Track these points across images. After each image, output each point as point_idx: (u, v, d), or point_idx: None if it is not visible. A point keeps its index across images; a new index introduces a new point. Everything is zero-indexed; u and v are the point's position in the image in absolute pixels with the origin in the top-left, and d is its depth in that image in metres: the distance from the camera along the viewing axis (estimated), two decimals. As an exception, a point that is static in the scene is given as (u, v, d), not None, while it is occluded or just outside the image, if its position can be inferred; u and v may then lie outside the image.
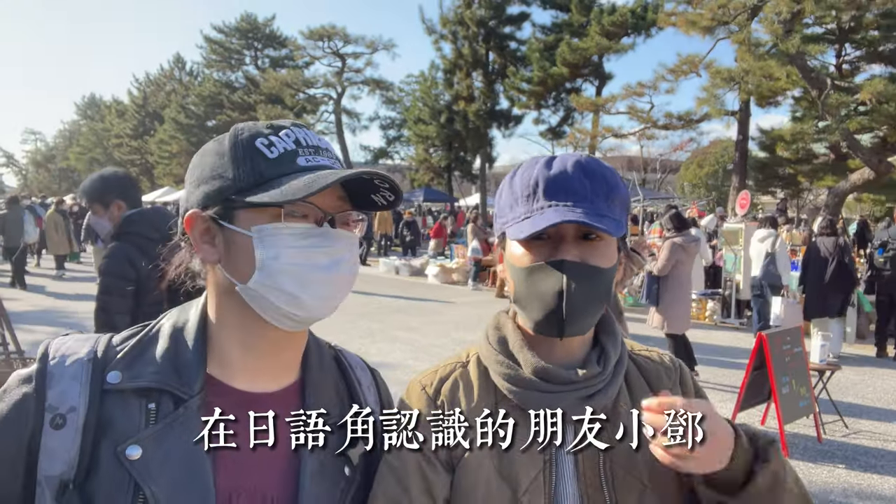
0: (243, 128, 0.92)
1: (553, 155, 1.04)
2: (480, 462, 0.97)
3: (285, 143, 0.90)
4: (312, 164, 0.89)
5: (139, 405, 0.84)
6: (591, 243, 0.97)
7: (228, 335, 0.91)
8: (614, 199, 0.99)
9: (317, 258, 0.87)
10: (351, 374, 1.04)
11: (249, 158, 0.88)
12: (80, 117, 59.74)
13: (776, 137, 20.21)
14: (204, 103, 38.65)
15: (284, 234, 0.86)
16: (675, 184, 41.03)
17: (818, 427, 5.30)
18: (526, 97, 26.63)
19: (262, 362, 0.92)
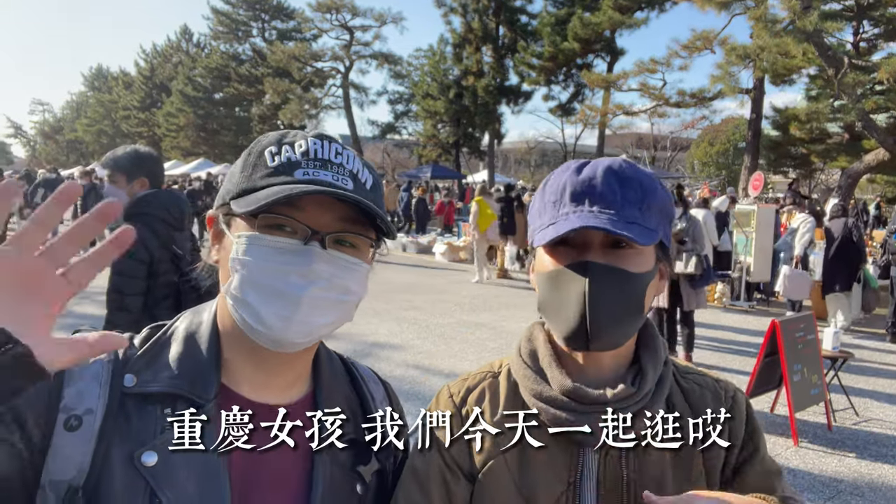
0: (267, 136, 0.90)
1: (586, 160, 0.98)
2: (500, 476, 0.94)
3: (292, 153, 0.86)
4: (309, 178, 0.84)
5: (154, 410, 0.82)
6: (620, 251, 0.92)
7: (236, 344, 0.88)
8: (649, 206, 0.93)
9: (289, 277, 0.82)
10: (363, 387, 1.02)
11: (252, 166, 0.87)
12: (88, 88, 59.49)
13: (790, 116, 19.91)
14: (211, 75, 38.40)
15: (260, 246, 0.82)
16: (686, 162, 40.66)
17: (829, 415, 5.25)
18: (536, 73, 26.34)
19: (269, 377, 0.90)
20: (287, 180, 0.83)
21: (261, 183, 0.84)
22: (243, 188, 0.85)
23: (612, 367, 0.98)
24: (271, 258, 0.82)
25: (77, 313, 7.73)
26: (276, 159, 0.85)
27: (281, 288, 0.82)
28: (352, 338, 7.41)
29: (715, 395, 1.03)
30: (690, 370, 1.07)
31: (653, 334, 1.01)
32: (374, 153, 41.70)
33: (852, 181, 15.07)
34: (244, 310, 0.83)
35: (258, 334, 0.84)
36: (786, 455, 4.69)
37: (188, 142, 39.61)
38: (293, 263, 0.81)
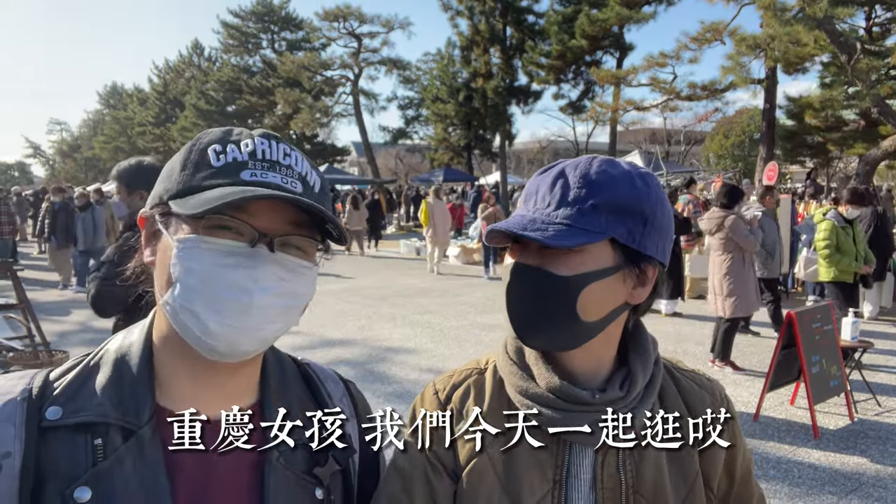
0: (210, 132, 0.86)
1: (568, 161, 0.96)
2: (484, 475, 0.93)
3: (237, 153, 0.82)
4: (256, 180, 0.80)
5: (84, 441, 0.77)
6: (551, 251, 0.88)
7: (174, 359, 0.84)
8: (596, 207, 0.88)
9: (236, 281, 0.77)
10: (320, 388, 0.98)
11: (194, 164, 0.82)
12: (103, 106, 60.25)
13: (804, 105, 19.61)
14: (223, 89, 38.73)
15: (204, 249, 0.78)
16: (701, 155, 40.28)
17: (850, 406, 5.16)
18: (545, 72, 26.23)
19: (213, 390, 0.85)
20: (233, 181, 0.80)
21: (204, 183, 0.80)
22: (184, 187, 0.80)
23: (594, 367, 0.95)
24: (217, 261, 0.77)
25: (96, 328, 7.83)
26: (220, 158, 0.81)
27: (230, 295, 0.77)
28: (366, 343, 7.43)
29: (711, 396, 1.01)
30: (683, 369, 1.05)
31: (642, 334, 0.99)
32: (386, 159, 41.82)
33: (870, 168, 14.83)
34: (190, 319, 0.78)
35: (205, 345, 0.79)
36: (806, 448, 4.61)
37: (203, 155, 39.92)
38: (241, 266, 0.77)
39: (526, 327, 0.91)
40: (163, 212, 0.82)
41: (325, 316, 8.75)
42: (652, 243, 0.90)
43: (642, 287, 0.92)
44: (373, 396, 5.65)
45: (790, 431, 4.93)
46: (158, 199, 0.84)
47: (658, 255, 0.92)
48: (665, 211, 0.92)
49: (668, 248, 0.94)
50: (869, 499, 3.90)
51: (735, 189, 6.74)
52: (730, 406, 1.02)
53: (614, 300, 0.91)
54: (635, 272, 0.91)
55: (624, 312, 0.94)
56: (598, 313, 0.89)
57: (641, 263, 0.91)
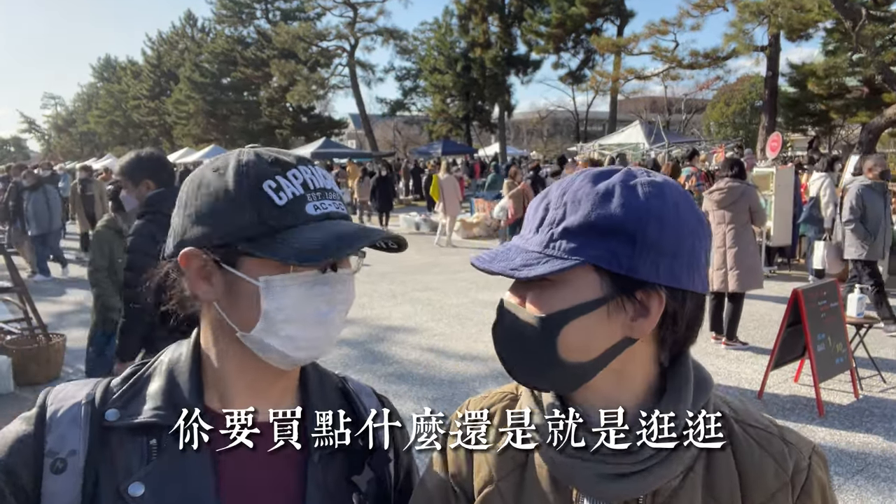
0: (247, 164, 0.86)
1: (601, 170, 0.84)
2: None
3: (294, 186, 0.85)
4: (321, 213, 0.86)
5: (140, 442, 0.84)
6: (531, 284, 0.79)
7: (225, 369, 0.90)
8: (569, 229, 0.76)
9: (319, 306, 0.86)
10: (357, 401, 1.01)
11: (256, 204, 0.83)
12: (97, 80, 59.53)
13: (807, 72, 19.39)
14: (217, 60, 38.23)
15: (291, 286, 0.84)
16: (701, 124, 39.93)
17: (855, 383, 5.12)
18: (544, 41, 25.84)
19: (260, 392, 0.91)
20: (306, 219, 0.84)
21: (278, 223, 0.83)
22: (260, 231, 0.82)
23: (630, 407, 0.81)
24: (304, 293, 0.84)
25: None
26: (281, 196, 0.84)
27: (316, 318, 0.85)
28: (367, 322, 7.38)
29: (777, 465, 0.80)
30: (756, 421, 0.84)
31: (679, 377, 0.81)
32: (384, 131, 41.47)
33: (873, 136, 14.65)
34: (280, 343, 0.85)
35: (289, 361, 0.87)
36: (811, 427, 4.58)
37: (199, 129, 39.60)
38: (323, 294, 0.85)
39: (512, 370, 0.83)
40: (228, 252, 0.84)
41: (325, 294, 8.68)
42: (647, 266, 0.74)
43: (644, 319, 0.76)
44: (373, 377, 5.61)
45: (794, 409, 4.90)
46: (214, 240, 0.84)
47: (661, 279, 0.75)
48: (666, 225, 0.75)
49: (679, 268, 0.76)
50: (876, 479, 3.87)
51: (740, 161, 6.66)
52: (810, 479, 0.80)
53: (608, 337, 0.77)
54: (631, 302, 0.76)
55: (639, 348, 0.79)
56: (587, 354, 0.77)
57: (637, 292, 0.76)
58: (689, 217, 0.77)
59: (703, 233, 0.80)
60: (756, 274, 6.12)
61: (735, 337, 6.29)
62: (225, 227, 0.83)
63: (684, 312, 0.78)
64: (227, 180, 0.84)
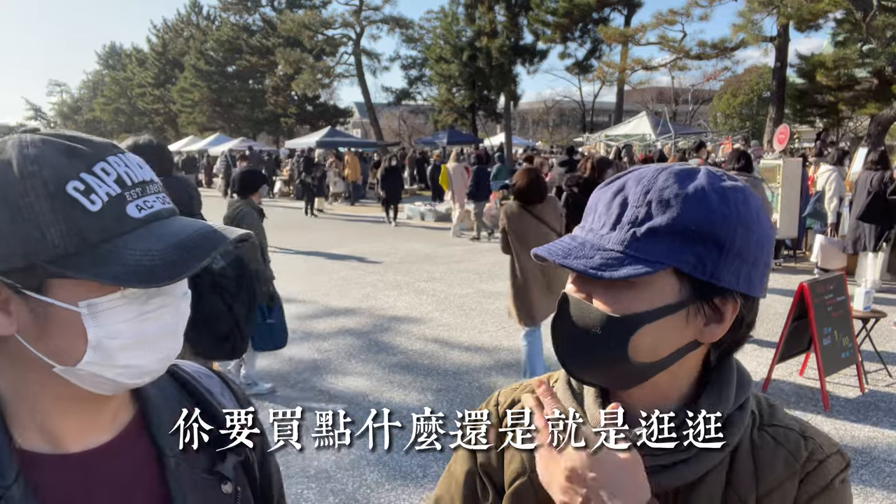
0: (37, 160, 0.67)
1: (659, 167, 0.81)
2: (525, 498, 0.88)
3: (107, 185, 0.69)
4: (147, 214, 0.71)
5: None
6: (603, 283, 0.76)
7: (39, 407, 0.75)
8: (654, 231, 0.74)
9: (162, 319, 0.73)
10: (197, 385, 0.91)
11: (62, 214, 0.66)
12: (103, 67, 59.46)
13: (816, 64, 19.18)
14: (222, 49, 38.09)
15: (124, 307, 0.70)
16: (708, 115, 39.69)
17: (861, 377, 5.10)
18: (551, 30, 25.66)
19: (93, 417, 0.78)
20: (130, 225, 0.69)
21: (94, 236, 0.67)
22: (71, 248, 0.66)
23: (653, 406, 0.82)
24: (142, 310, 0.71)
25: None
26: (94, 200, 0.67)
27: (161, 332, 0.74)
28: (371, 312, 7.38)
29: (788, 455, 0.81)
30: (779, 420, 0.85)
31: (723, 375, 0.83)
32: (389, 120, 41.34)
33: (882, 128, 14.55)
34: (119, 374, 0.72)
35: (121, 388, 0.74)
36: (816, 421, 4.57)
37: (204, 117, 39.54)
38: (163, 306, 0.73)
39: (571, 364, 0.82)
40: (30, 275, 0.67)
41: (329, 284, 8.69)
42: (729, 273, 0.74)
43: (717, 324, 0.77)
44: (377, 367, 5.62)
45: (799, 403, 4.88)
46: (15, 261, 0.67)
47: (740, 286, 0.75)
48: (751, 233, 0.75)
49: (756, 276, 0.77)
50: (881, 474, 3.86)
51: (748, 153, 6.62)
52: (820, 471, 0.81)
53: (678, 340, 0.77)
54: (707, 308, 0.76)
55: (695, 351, 0.80)
56: (655, 355, 0.77)
57: (715, 298, 0.76)
58: (767, 225, 0.78)
59: (773, 241, 0.81)
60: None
61: None
62: (24, 247, 0.66)
63: (749, 317, 0.79)
64: (13, 184, 0.66)
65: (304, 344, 6.19)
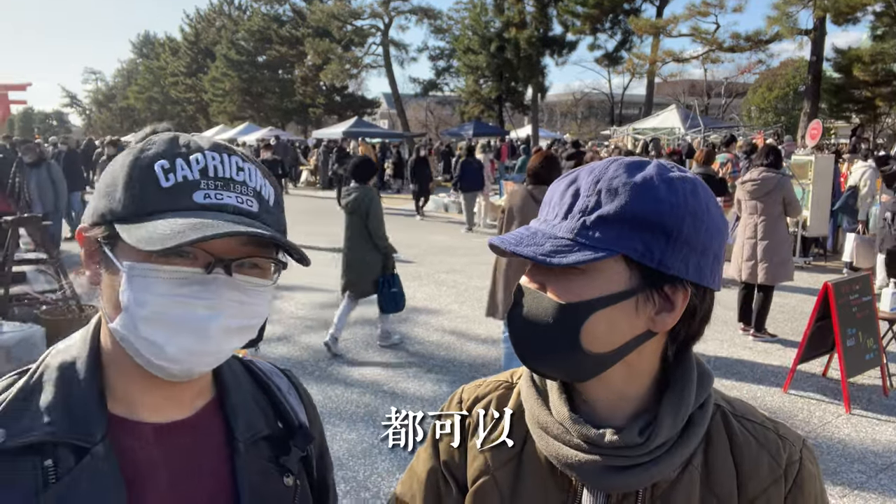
0: (154, 142, 0.78)
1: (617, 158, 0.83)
2: (489, 497, 0.88)
3: (188, 170, 0.75)
4: (211, 203, 0.75)
5: (33, 464, 0.72)
6: (555, 270, 0.77)
7: (123, 369, 0.79)
8: (604, 218, 0.75)
9: (196, 310, 0.74)
10: (268, 381, 0.96)
11: (140, 182, 0.75)
12: (137, 56, 60.45)
13: (853, 58, 18.72)
14: (253, 39, 38.44)
15: (157, 279, 0.73)
16: (741, 109, 38.95)
17: (885, 379, 4.99)
18: (581, 21, 25.39)
19: (171, 396, 0.83)
20: (187, 206, 0.74)
21: (153, 207, 0.73)
22: (131, 211, 0.74)
23: (614, 402, 0.83)
24: (172, 291, 0.73)
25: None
26: (169, 178, 0.74)
27: (189, 322, 0.74)
28: (390, 303, 7.42)
29: (772, 457, 0.82)
30: (752, 416, 0.86)
31: (684, 372, 0.83)
32: (416, 111, 41.37)
33: (921, 125, 14.13)
34: (143, 346, 0.75)
35: (158, 368, 0.76)
36: (836, 423, 4.48)
37: (234, 106, 39.99)
38: (199, 296, 0.74)
39: (527, 355, 0.82)
40: (107, 233, 0.75)
41: (351, 273, 8.74)
42: (678, 261, 0.75)
43: (668, 313, 0.77)
44: (394, 358, 5.65)
45: (820, 404, 4.79)
46: (100, 217, 0.77)
47: (690, 275, 0.76)
48: (699, 222, 0.76)
49: (706, 265, 0.77)
50: (900, 479, 3.78)
51: (777, 149, 6.47)
52: (802, 473, 0.82)
53: (630, 329, 0.77)
54: (657, 296, 0.77)
55: (650, 341, 0.79)
56: (608, 344, 0.77)
57: (664, 286, 0.76)
58: (718, 217, 0.79)
59: (726, 233, 0.82)
60: (786, 267, 5.98)
61: (764, 329, 6.17)
62: (108, 203, 0.76)
63: (702, 309, 0.80)
64: (130, 156, 0.77)
65: (323, 332, 6.24)
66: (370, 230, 5.61)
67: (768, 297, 6.11)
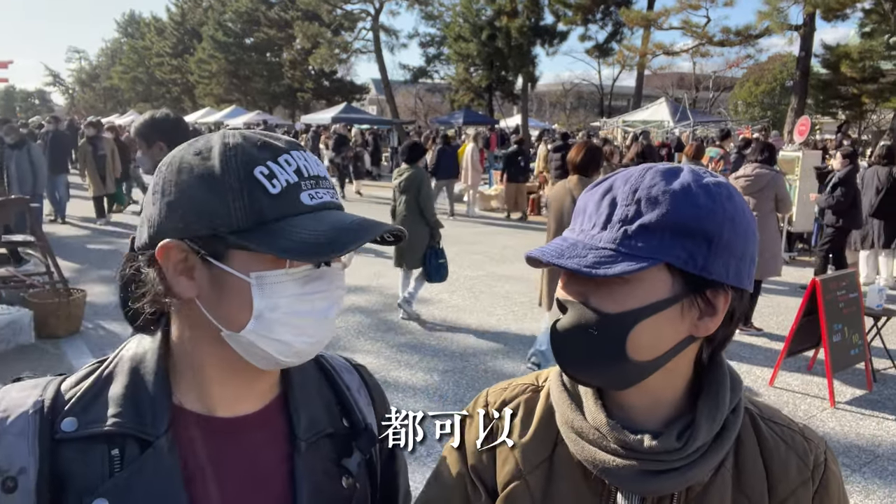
0: (235, 147, 0.78)
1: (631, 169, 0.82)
2: (520, 501, 0.87)
3: (287, 174, 0.78)
4: (317, 203, 0.79)
5: (101, 453, 0.76)
6: (598, 281, 0.77)
7: (205, 370, 0.83)
8: (646, 227, 0.75)
9: (316, 304, 0.80)
10: (337, 379, 0.97)
11: (247, 191, 0.75)
12: (121, 35, 59.46)
13: (841, 54, 18.84)
14: (241, 20, 37.97)
15: (286, 283, 0.77)
16: (728, 102, 39.17)
17: (869, 374, 5.08)
18: (572, 11, 25.34)
19: (244, 390, 0.86)
20: (301, 209, 0.77)
21: (270, 214, 0.75)
22: (254, 220, 0.75)
23: (651, 407, 0.83)
24: (300, 291, 0.78)
25: (112, 265, 7.88)
26: (274, 184, 0.76)
27: (313, 316, 0.80)
28: (381, 291, 7.42)
29: (800, 460, 0.85)
30: (774, 420, 0.88)
31: (717, 374, 0.84)
32: (406, 98, 41.14)
33: (906, 123, 14.30)
34: (274, 348, 0.79)
35: (281, 363, 0.81)
36: (821, 417, 4.57)
37: (221, 89, 39.54)
38: (319, 289, 0.80)
39: (569, 366, 0.82)
40: (214, 244, 0.76)
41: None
42: (719, 266, 0.76)
43: (710, 318, 0.78)
44: (385, 347, 5.66)
45: (806, 398, 4.88)
46: (202, 230, 0.76)
47: (730, 279, 0.77)
48: (737, 227, 0.77)
49: (744, 269, 0.79)
50: (883, 473, 3.86)
51: (772, 146, 6.55)
52: (827, 474, 0.85)
53: (674, 335, 0.78)
54: (700, 301, 0.77)
55: (689, 347, 0.81)
56: (653, 352, 0.78)
57: (707, 291, 0.77)
58: (752, 220, 0.80)
59: (757, 235, 0.83)
60: (776, 262, 6.07)
61: (750, 322, 6.25)
62: (211, 217, 0.75)
63: (740, 311, 0.81)
64: (213, 165, 0.76)
65: (314, 320, 6.25)
66: (420, 206, 6.16)
67: (756, 290, 6.19)
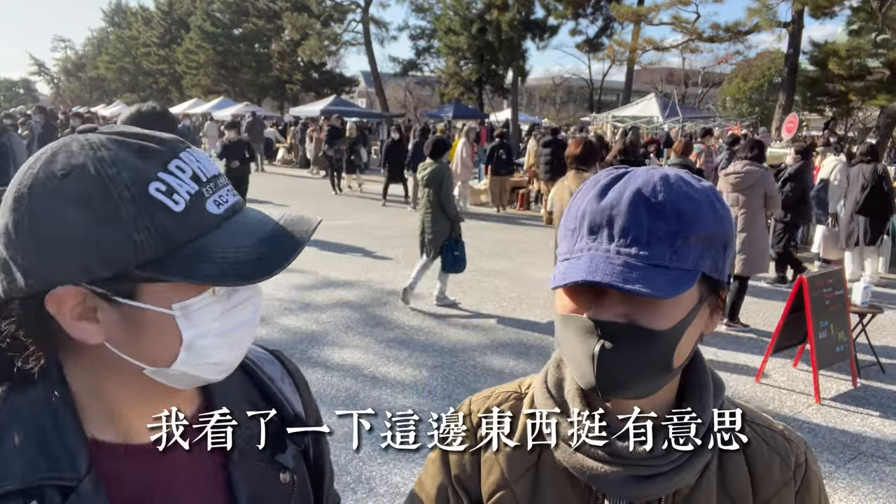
0: (113, 162, 0.65)
1: (621, 171, 0.80)
2: None
3: (185, 184, 0.68)
4: (225, 209, 0.71)
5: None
6: (641, 300, 0.74)
7: (114, 403, 0.75)
8: (687, 240, 0.75)
9: (245, 313, 0.75)
10: (259, 373, 0.92)
11: (147, 217, 0.65)
12: (108, 24, 58.74)
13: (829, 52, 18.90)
14: (229, 10, 37.61)
15: (212, 305, 0.71)
16: (717, 99, 39.32)
17: (854, 371, 5.13)
18: (563, 6, 25.25)
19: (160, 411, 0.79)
20: (210, 221, 0.69)
21: (187, 234, 0.67)
22: (164, 250, 0.66)
23: (646, 411, 0.83)
24: (227, 306, 0.73)
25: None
26: (176, 199, 0.66)
27: (244, 325, 0.75)
28: (369, 285, 7.40)
29: (782, 460, 0.86)
30: (759, 419, 0.89)
31: (701, 377, 0.85)
32: (395, 91, 40.96)
33: (892, 121, 14.42)
34: (208, 371, 0.74)
35: (208, 381, 0.77)
36: (807, 413, 4.60)
37: (208, 80, 39.17)
38: (245, 300, 0.75)
39: (616, 387, 0.78)
40: (121, 281, 0.67)
41: (327, 256, 8.68)
42: (726, 266, 0.80)
43: (717, 314, 0.83)
44: (373, 342, 5.64)
45: (791, 395, 4.92)
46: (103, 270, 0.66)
47: (725, 276, 0.82)
48: (733, 227, 0.83)
49: (729, 265, 0.84)
50: (867, 469, 3.90)
51: (762, 143, 6.59)
52: (808, 473, 0.87)
53: (696, 336, 0.81)
54: (714, 301, 0.82)
55: None
56: (685, 357, 0.81)
57: (720, 291, 0.82)
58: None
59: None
60: (763, 259, 6.13)
61: (737, 318, 6.29)
62: (113, 256, 0.65)
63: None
64: (93, 189, 0.64)
65: (302, 315, 6.22)
66: (441, 200, 6.38)
67: (743, 287, 6.23)
